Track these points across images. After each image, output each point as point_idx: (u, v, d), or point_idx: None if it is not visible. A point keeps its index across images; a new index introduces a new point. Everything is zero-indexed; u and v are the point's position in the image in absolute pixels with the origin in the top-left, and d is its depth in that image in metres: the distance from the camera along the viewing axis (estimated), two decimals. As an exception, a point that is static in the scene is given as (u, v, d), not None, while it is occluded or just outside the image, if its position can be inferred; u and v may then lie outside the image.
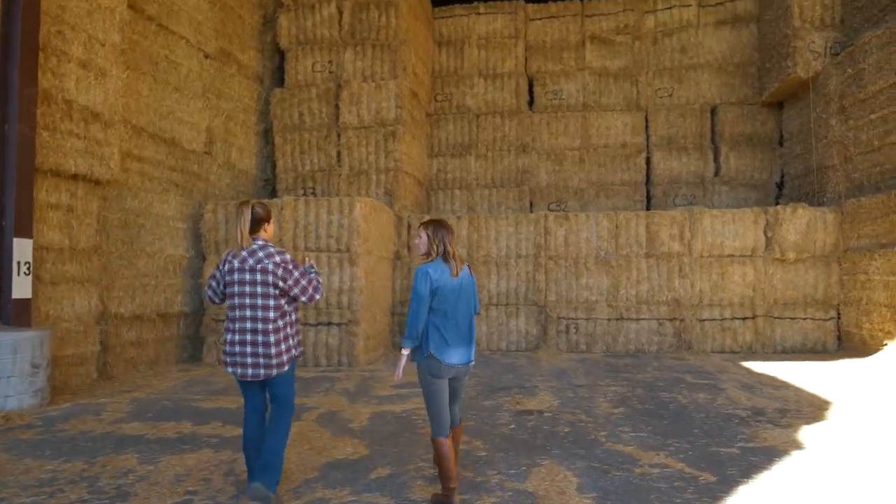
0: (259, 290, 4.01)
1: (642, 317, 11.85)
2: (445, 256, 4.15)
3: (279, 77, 14.03)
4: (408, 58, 12.84)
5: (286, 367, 4.11)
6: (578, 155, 14.81)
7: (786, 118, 13.92)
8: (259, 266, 4.01)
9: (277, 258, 4.07)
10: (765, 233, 11.62)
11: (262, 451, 4.08)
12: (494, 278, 12.14)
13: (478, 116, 15.01)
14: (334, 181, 12.84)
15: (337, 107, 12.85)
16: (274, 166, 13.59)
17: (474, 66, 15.09)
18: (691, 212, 11.83)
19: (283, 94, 13.09)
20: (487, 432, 5.84)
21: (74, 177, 8.07)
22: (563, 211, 14.04)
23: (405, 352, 4.11)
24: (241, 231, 4.05)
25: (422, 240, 4.24)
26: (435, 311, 4.06)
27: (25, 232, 7.34)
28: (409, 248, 12.34)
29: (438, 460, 4.09)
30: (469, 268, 4.38)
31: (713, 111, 14.50)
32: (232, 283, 4.06)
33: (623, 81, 14.86)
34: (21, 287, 7.21)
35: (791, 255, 11.40)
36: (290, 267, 4.11)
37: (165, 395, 7.59)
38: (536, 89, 15.02)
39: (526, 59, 15.11)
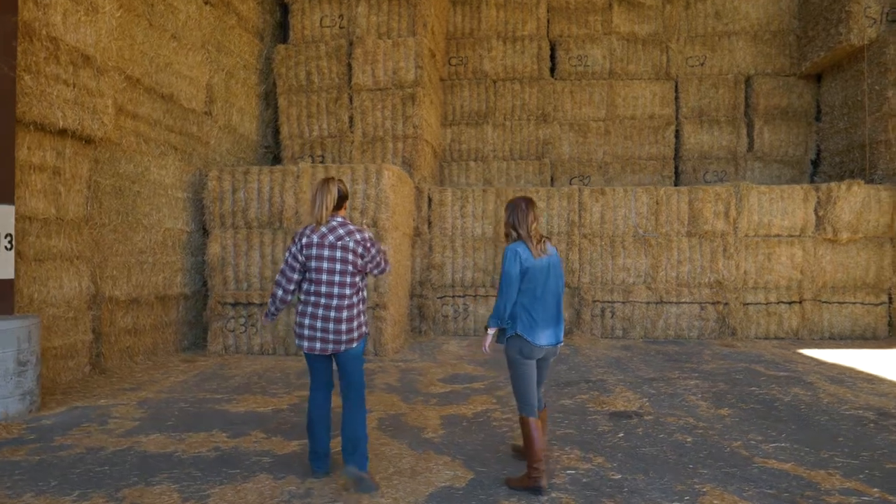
0: (338, 266, 3.96)
1: (683, 300, 10.92)
2: (522, 239, 4.04)
3: (280, 34, 12.68)
4: (428, 13, 11.57)
5: (355, 344, 4.02)
6: (604, 126, 13.74)
7: (825, 90, 13.03)
8: (340, 243, 3.96)
9: (358, 236, 4.03)
10: (815, 211, 10.75)
11: (345, 433, 3.98)
12: (523, 258, 11.05)
13: (495, 82, 13.81)
14: (346, 148, 11.58)
15: (349, 66, 11.55)
16: (276, 132, 12.28)
17: (492, 27, 13.86)
18: (737, 187, 10.88)
19: (287, 51, 11.72)
20: (597, 444, 4.79)
21: (62, 132, 6.71)
22: (586, 185, 12.98)
23: (491, 331, 4.05)
24: (325, 207, 3.99)
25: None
26: (523, 291, 3.96)
27: (5, 197, 6.00)
28: (429, 225, 11.22)
29: (527, 440, 3.97)
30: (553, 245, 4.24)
31: (747, 82, 13.55)
32: (310, 258, 3.97)
33: (652, 48, 13.80)
34: (3, 265, 5.89)
35: (845, 236, 10.56)
36: (369, 245, 4.07)
37: (179, 395, 6.37)
38: (559, 54, 13.85)
39: (548, 21, 13.93)
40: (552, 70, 13.90)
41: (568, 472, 4.16)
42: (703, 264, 10.92)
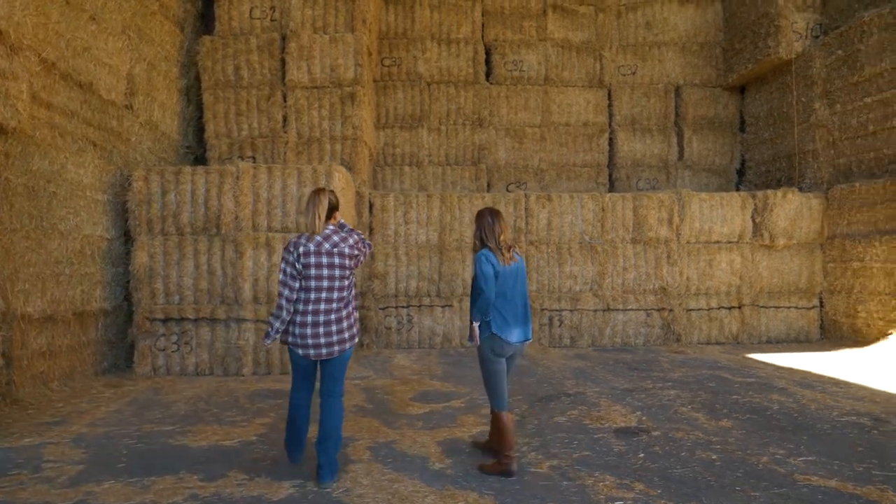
0: (337, 272, 4.06)
1: (629, 307, 10.85)
2: (490, 248, 4.30)
3: (202, 26, 11.66)
4: (367, 8, 10.97)
5: (347, 346, 4.12)
6: (539, 133, 13.60)
7: (749, 102, 13.49)
8: (336, 250, 4.07)
9: (351, 241, 4.15)
10: (752, 218, 11.01)
11: (324, 440, 4.06)
12: (469, 265, 10.64)
13: (430, 85, 13.35)
14: (279, 149, 10.73)
15: (283, 61, 10.73)
16: (198, 131, 11.25)
17: (426, 28, 13.40)
18: (679, 195, 10.99)
19: (213, 44, 10.75)
20: (624, 467, 4.39)
21: (-32, 120, 5.65)
22: (521, 191, 12.74)
23: (476, 323, 4.28)
24: (319, 217, 4.07)
25: None
26: (496, 294, 4.24)
27: None
28: (371, 231, 10.60)
29: (501, 432, 4.28)
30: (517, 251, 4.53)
31: (677, 92, 13.82)
32: (308, 266, 4.02)
33: (586, 56, 13.82)
34: None
35: (781, 242, 10.85)
36: (362, 246, 4.23)
37: (118, 428, 5.44)
38: (495, 58, 13.58)
39: (483, 25, 13.65)
40: (487, 74, 13.62)
41: (616, 503, 3.73)
42: (648, 271, 10.91)
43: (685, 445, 4.88)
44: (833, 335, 10.86)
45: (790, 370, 8.22)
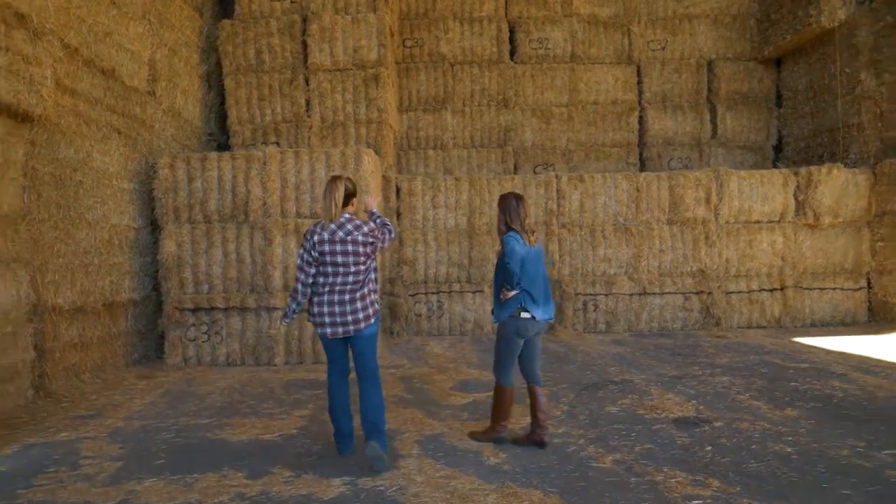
0: (351, 259, 4.16)
1: (666, 290, 10.49)
2: (516, 231, 4.46)
3: (220, 10, 11.39)
4: (390, -13, 10.66)
5: (363, 325, 4.20)
6: (567, 112, 13.19)
7: (786, 75, 12.99)
8: (349, 238, 4.17)
9: (366, 228, 4.23)
10: (795, 196, 10.58)
11: (364, 415, 4.18)
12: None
13: (453, 66, 12.99)
14: (303, 134, 10.47)
15: (304, 44, 10.44)
16: (220, 118, 11.03)
17: (448, 7, 13.00)
18: (717, 173, 10.59)
19: (234, 28, 10.48)
20: (693, 461, 4.10)
21: (-8, 107, 5.45)
22: (548, 172, 12.32)
23: (512, 293, 4.39)
24: (336, 204, 4.18)
25: None
26: (522, 274, 4.40)
27: (-77, 185, 4.73)
28: (398, 216, 10.35)
29: (499, 404, 4.60)
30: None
31: (709, 66, 13.34)
32: (324, 254, 4.16)
33: (613, 31, 13.36)
34: (-78, 270, 4.61)
35: (826, 220, 10.42)
36: (377, 233, 4.31)
37: (155, 421, 5.25)
38: (519, 36, 13.17)
39: (506, 2, 13.23)
40: (512, 53, 13.22)
41: (694, 502, 3.46)
42: (686, 253, 10.55)
43: (754, 437, 4.58)
44: (882, 317, 10.43)
45: (844, 355, 7.86)
